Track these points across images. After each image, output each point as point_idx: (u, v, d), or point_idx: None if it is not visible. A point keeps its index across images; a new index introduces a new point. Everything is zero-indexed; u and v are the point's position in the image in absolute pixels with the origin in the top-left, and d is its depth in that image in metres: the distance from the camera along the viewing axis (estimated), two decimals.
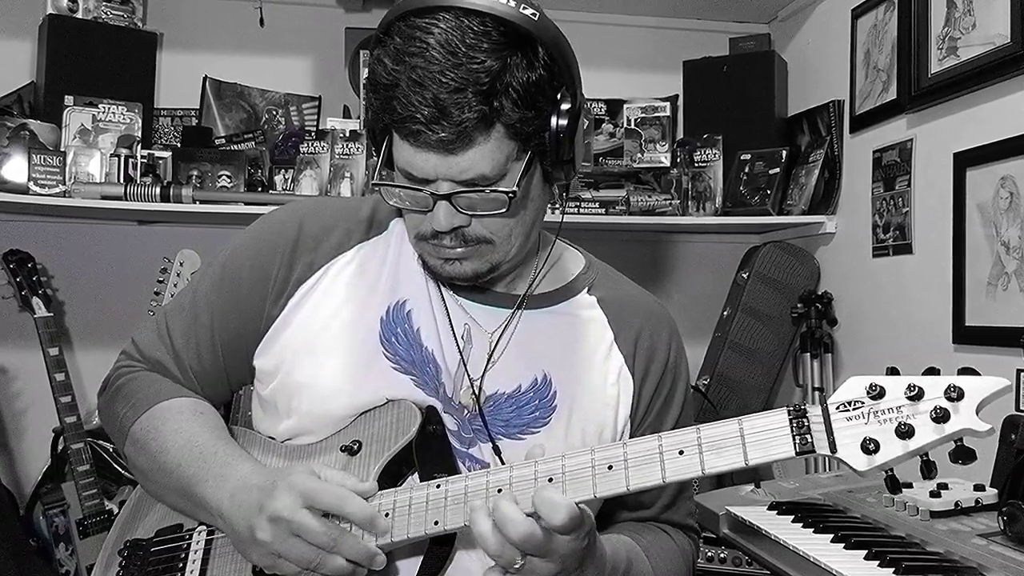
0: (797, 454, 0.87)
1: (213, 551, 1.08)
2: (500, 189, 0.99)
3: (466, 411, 1.10)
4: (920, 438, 0.84)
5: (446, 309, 1.13)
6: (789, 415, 0.88)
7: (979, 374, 0.85)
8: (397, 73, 0.95)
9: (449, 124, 0.94)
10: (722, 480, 2.48)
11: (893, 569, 1.22)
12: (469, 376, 1.11)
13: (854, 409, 0.86)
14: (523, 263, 1.17)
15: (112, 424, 1.18)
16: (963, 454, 0.84)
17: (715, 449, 0.89)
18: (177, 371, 1.16)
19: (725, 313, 2.60)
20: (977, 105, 1.93)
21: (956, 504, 1.43)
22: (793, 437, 0.87)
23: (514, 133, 0.98)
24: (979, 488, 1.47)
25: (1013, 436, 1.59)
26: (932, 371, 0.86)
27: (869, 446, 0.85)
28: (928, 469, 0.86)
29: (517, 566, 0.90)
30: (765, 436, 0.88)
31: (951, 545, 1.29)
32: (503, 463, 1.06)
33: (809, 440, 0.87)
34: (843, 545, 1.32)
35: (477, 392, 1.10)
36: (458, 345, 1.12)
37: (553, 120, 1.00)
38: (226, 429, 1.13)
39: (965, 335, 1.91)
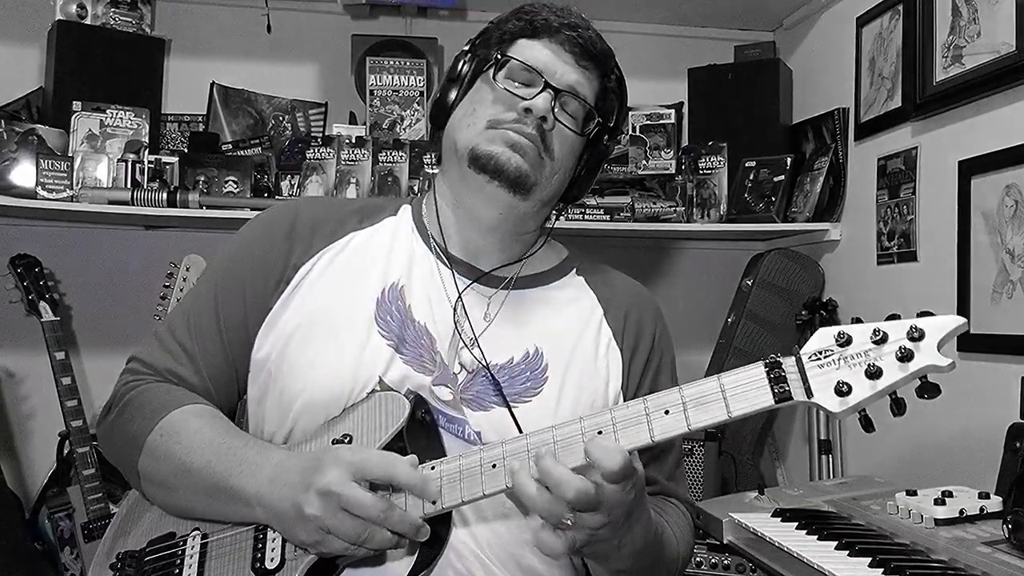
0: (776, 403, 0.91)
1: (208, 555, 1.07)
2: (594, 107, 1.19)
3: (461, 376, 1.13)
4: (888, 377, 0.89)
5: (438, 284, 1.18)
6: (765, 367, 0.92)
7: (934, 315, 0.90)
8: (551, 5, 1.19)
9: (588, 36, 1.17)
10: (726, 487, 2.48)
11: None
12: (473, 333, 1.15)
13: (825, 357, 0.91)
14: (520, 252, 1.24)
15: (121, 439, 1.14)
16: (928, 389, 0.88)
17: (699, 405, 0.93)
18: (193, 375, 1.16)
19: (729, 320, 2.60)
20: (982, 113, 1.93)
21: (961, 512, 1.43)
22: (771, 387, 0.91)
23: (601, 100, 1.20)
24: (984, 496, 1.47)
25: (1018, 444, 1.59)
26: (894, 316, 0.91)
27: (842, 388, 0.89)
28: (898, 407, 0.90)
29: (567, 521, 0.92)
30: (745, 389, 0.92)
31: (956, 553, 1.29)
32: (517, 423, 1.09)
33: (786, 388, 0.91)
34: (847, 552, 1.32)
35: (481, 351, 1.13)
36: (461, 308, 1.16)
37: (599, 141, 1.23)
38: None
39: (970, 343, 1.91)
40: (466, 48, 1.22)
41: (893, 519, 1.48)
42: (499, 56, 1.16)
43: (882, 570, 1.24)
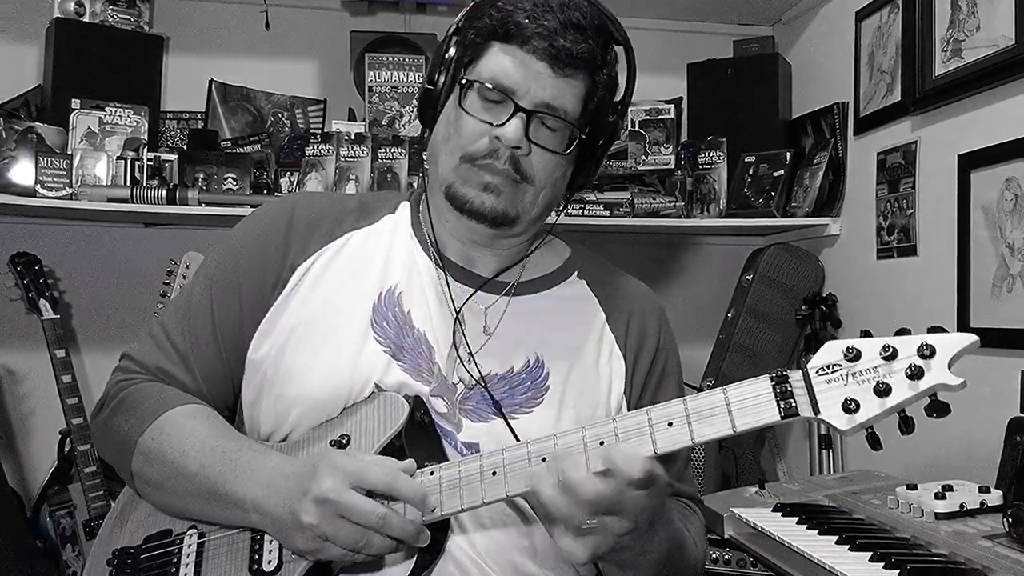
0: (782, 418, 0.90)
1: (205, 554, 1.06)
2: (574, 124, 1.09)
3: (459, 388, 1.11)
4: (897, 395, 0.87)
5: (439, 291, 1.15)
6: (772, 381, 0.91)
7: (947, 331, 0.88)
8: (521, 10, 1.06)
9: (572, 40, 1.05)
10: (727, 482, 2.48)
11: (898, 571, 1.22)
12: (469, 349, 1.12)
13: (833, 372, 0.89)
14: (519, 254, 1.21)
15: (114, 439, 1.13)
16: (938, 408, 0.87)
17: (703, 419, 0.92)
18: (185, 375, 1.14)
19: (729, 315, 2.60)
20: (982, 107, 1.93)
21: (961, 506, 1.44)
22: (777, 402, 0.90)
23: (592, 98, 1.10)
24: (984, 490, 1.48)
25: (1018, 438, 1.59)
26: (904, 331, 0.89)
27: (850, 406, 0.88)
28: (906, 425, 0.89)
29: (589, 525, 0.90)
30: (750, 403, 0.91)
31: (956, 547, 1.29)
32: (515, 435, 1.07)
33: (793, 404, 0.90)
34: (848, 547, 1.32)
35: (478, 368, 1.11)
36: (458, 320, 1.14)
37: (606, 122, 1.14)
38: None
39: None
40: (445, 40, 1.14)
41: (894, 513, 1.49)
42: (463, 82, 1.09)
43: (883, 564, 1.24)
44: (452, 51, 1.12)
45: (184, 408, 1.10)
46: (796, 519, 1.49)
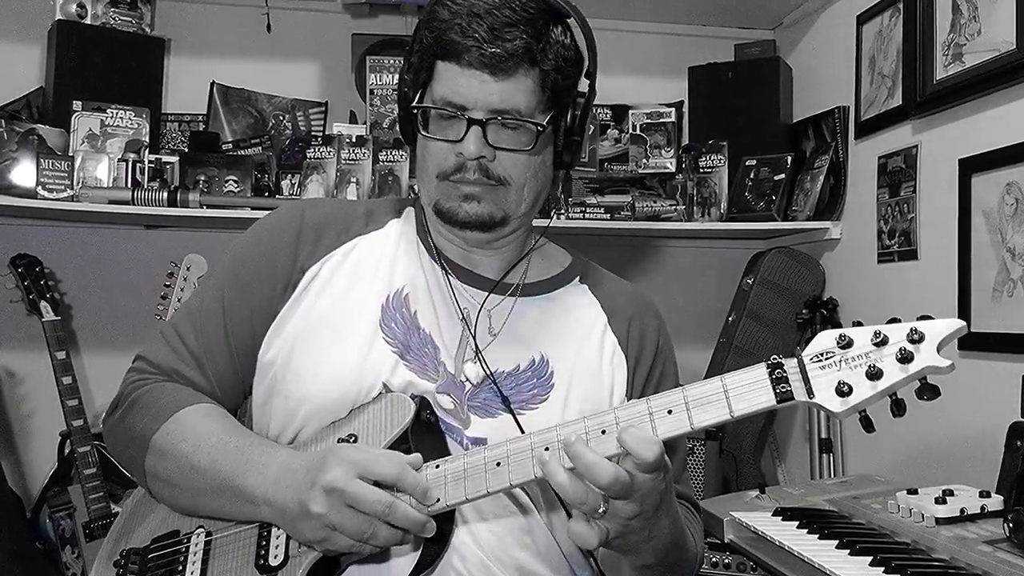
0: (778, 403, 0.92)
1: (212, 552, 1.08)
2: (530, 120, 1.10)
3: (468, 385, 1.13)
4: (888, 378, 0.90)
5: (444, 293, 1.18)
6: (767, 368, 0.93)
7: (934, 318, 0.91)
8: (458, 8, 1.08)
9: (501, 43, 1.06)
10: (727, 486, 2.48)
11: (899, 575, 1.22)
12: (476, 347, 1.15)
13: (827, 358, 0.92)
14: (518, 252, 1.24)
15: (127, 438, 1.15)
16: (928, 391, 0.90)
17: (701, 405, 0.94)
18: (199, 376, 1.16)
19: (730, 319, 2.60)
20: (982, 111, 1.93)
21: (961, 511, 1.44)
22: (773, 387, 0.92)
23: (547, 84, 1.11)
24: (985, 495, 1.48)
25: (1018, 443, 1.59)
26: (895, 320, 0.92)
27: (843, 389, 0.90)
28: (898, 408, 0.91)
29: (601, 511, 0.92)
30: (747, 389, 0.93)
31: (956, 552, 1.29)
32: (521, 429, 1.09)
33: (788, 389, 0.92)
34: (848, 551, 1.33)
35: (487, 364, 1.13)
36: (464, 320, 1.16)
37: (574, 98, 1.15)
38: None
39: (970, 341, 1.90)
40: (403, 63, 1.20)
41: (894, 518, 1.49)
42: (416, 111, 1.14)
43: (883, 569, 1.24)
44: (406, 78, 1.17)
45: (198, 407, 1.12)
46: (796, 523, 1.49)
